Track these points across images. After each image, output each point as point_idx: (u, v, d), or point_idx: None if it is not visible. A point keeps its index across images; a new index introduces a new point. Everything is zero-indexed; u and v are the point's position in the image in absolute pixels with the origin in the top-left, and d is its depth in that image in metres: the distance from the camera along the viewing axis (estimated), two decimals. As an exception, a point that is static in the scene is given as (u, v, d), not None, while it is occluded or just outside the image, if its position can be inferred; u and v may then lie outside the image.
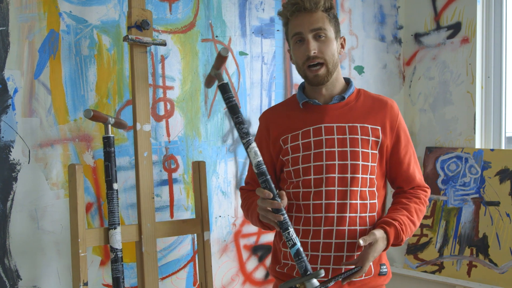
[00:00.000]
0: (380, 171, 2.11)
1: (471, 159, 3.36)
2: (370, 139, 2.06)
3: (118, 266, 2.14)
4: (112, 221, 2.15)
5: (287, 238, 1.87)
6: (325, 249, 2.02)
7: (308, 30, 2.02)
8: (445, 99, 3.58)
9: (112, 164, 2.15)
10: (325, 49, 2.02)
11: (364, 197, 2.04)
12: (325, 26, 2.02)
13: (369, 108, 2.12)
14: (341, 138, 2.05)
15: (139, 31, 2.27)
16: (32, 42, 2.27)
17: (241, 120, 1.94)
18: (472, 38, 3.42)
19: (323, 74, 2.04)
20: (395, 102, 2.18)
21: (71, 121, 2.37)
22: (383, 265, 2.11)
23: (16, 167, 2.22)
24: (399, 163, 2.13)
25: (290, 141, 2.12)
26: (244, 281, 2.99)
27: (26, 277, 2.25)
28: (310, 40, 2.02)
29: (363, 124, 2.07)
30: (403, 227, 1.99)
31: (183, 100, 2.73)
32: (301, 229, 2.06)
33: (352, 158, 2.03)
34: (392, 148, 2.11)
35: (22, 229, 2.23)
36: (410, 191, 2.15)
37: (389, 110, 2.12)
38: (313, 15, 2.02)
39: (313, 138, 2.07)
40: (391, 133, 2.10)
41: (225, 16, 2.88)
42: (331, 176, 2.03)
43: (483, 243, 3.23)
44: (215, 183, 2.85)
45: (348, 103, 2.12)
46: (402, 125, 2.15)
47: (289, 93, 3.16)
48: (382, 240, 1.95)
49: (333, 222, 2.01)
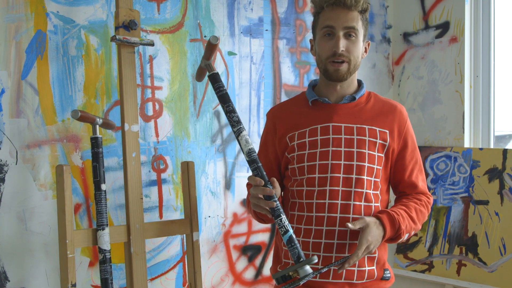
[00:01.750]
0: (385, 175, 2.09)
1: (460, 158, 3.37)
2: (377, 142, 2.05)
3: (107, 267, 2.14)
4: (100, 222, 2.14)
5: (279, 225, 1.86)
6: (326, 250, 2.00)
7: (342, 27, 1.99)
8: (434, 98, 3.59)
9: (100, 164, 2.14)
10: (352, 49, 2.01)
11: (369, 199, 2.02)
12: (358, 26, 2.00)
13: (378, 111, 2.10)
14: (348, 138, 2.03)
15: (127, 31, 2.26)
16: (19, 42, 2.25)
17: (232, 109, 1.97)
18: (461, 38, 3.43)
19: (344, 71, 2.03)
20: (404, 108, 2.17)
21: (59, 121, 2.36)
22: (387, 270, 2.09)
23: (4, 168, 2.21)
24: (403, 169, 2.11)
25: (297, 138, 2.10)
26: (233, 281, 2.98)
27: (14, 279, 2.23)
28: (341, 37, 2.00)
29: (372, 127, 2.06)
30: (399, 217, 1.95)
31: (171, 100, 2.72)
32: (303, 228, 2.05)
33: (358, 159, 2.02)
34: (398, 153, 2.10)
35: (9, 230, 2.22)
36: (412, 194, 2.12)
37: (398, 115, 2.11)
38: (349, 13, 2.00)
39: (320, 137, 2.06)
40: (399, 138, 2.09)
41: (214, 16, 2.88)
42: (336, 176, 2.01)
43: (472, 242, 3.24)
44: (204, 183, 2.85)
45: (358, 104, 2.10)
46: (410, 131, 2.13)
47: (278, 93, 3.16)
48: (375, 225, 1.91)
49: (335, 222, 1.99)
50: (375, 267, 2.04)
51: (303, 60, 3.28)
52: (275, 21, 3.15)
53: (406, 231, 1.99)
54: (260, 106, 3.08)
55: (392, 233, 1.96)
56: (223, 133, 2.92)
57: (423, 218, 2.08)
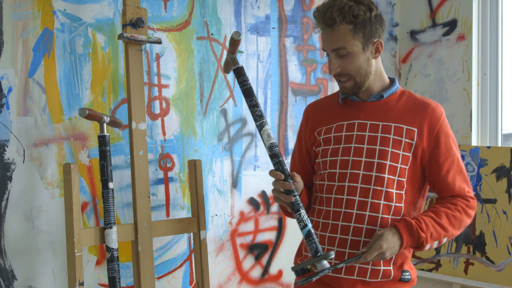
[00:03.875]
0: (413, 175, 2.03)
1: (467, 157, 3.36)
2: (403, 140, 2.00)
3: (114, 266, 2.13)
4: (108, 221, 2.13)
5: (298, 219, 1.86)
6: (340, 245, 1.99)
7: (330, 49, 1.96)
8: (441, 97, 3.57)
9: (107, 163, 2.14)
10: (347, 66, 1.96)
11: (390, 198, 1.98)
12: (345, 43, 1.92)
13: (409, 109, 2.05)
14: (372, 136, 2.01)
15: (134, 29, 2.26)
16: (26, 40, 2.25)
17: (255, 103, 1.98)
18: (468, 35, 3.42)
19: (350, 87, 2.01)
20: (441, 106, 2.09)
21: (66, 120, 2.35)
22: (406, 271, 2.03)
23: (11, 166, 2.21)
24: (437, 169, 2.03)
25: (324, 133, 2.11)
26: (240, 280, 2.98)
27: (22, 277, 2.23)
28: (332, 59, 1.97)
29: (398, 124, 2.01)
30: (420, 224, 1.91)
31: (178, 98, 2.71)
32: (321, 222, 2.05)
33: (380, 157, 1.99)
34: (430, 152, 2.02)
35: (17, 228, 2.22)
36: (448, 198, 2.05)
37: (430, 113, 2.03)
38: (334, 33, 1.93)
39: (344, 133, 2.05)
40: (429, 137, 2.02)
41: (220, 14, 2.87)
42: (356, 173, 2.00)
43: (480, 241, 3.23)
44: (211, 181, 2.84)
45: (388, 102, 2.06)
46: (444, 130, 2.04)
47: (285, 91, 3.15)
48: (390, 233, 1.88)
49: (351, 218, 1.98)
50: (391, 267, 2.00)
51: (310, 58, 3.27)
52: (282, 19, 3.14)
53: (432, 239, 1.93)
54: (267, 104, 3.07)
55: (412, 242, 1.91)
56: (230, 131, 2.91)
57: (459, 224, 2.00)
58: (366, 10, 1.95)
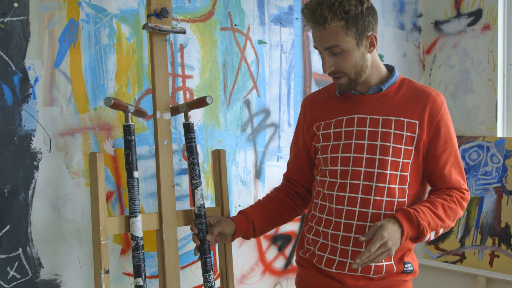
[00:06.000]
0: (417, 168, 2.01)
1: (492, 148, 3.32)
2: (404, 134, 1.97)
3: (139, 254, 2.15)
4: (133, 209, 2.15)
5: (204, 278, 2.28)
6: (343, 243, 1.99)
7: (322, 48, 1.93)
8: (466, 87, 3.54)
9: (132, 152, 2.15)
10: (342, 64, 1.93)
11: (392, 194, 1.97)
12: (338, 41, 1.88)
13: (409, 100, 2.01)
14: (372, 131, 1.98)
15: (159, 19, 2.26)
16: (52, 31, 2.27)
17: (197, 162, 2.27)
18: (494, 25, 3.38)
19: (345, 83, 1.98)
20: (442, 95, 2.05)
21: (91, 110, 2.37)
22: (408, 263, 2.03)
23: (37, 156, 2.23)
24: (435, 160, 2.01)
25: (323, 128, 2.08)
26: (264, 270, 2.98)
27: (48, 266, 2.26)
28: (325, 57, 1.94)
29: (399, 118, 1.98)
30: (418, 213, 1.89)
31: (202, 89, 2.72)
32: (324, 218, 2.04)
33: (381, 153, 1.96)
34: (429, 142, 2.00)
35: (43, 217, 2.25)
36: (444, 189, 2.04)
37: (431, 102, 1.99)
38: (325, 31, 1.88)
39: (344, 128, 2.03)
40: (429, 127, 1.99)
41: (244, 5, 2.87)
42: (358, 170, 1.98)
43: (505, 233, 3.20)
44: (234, 172, 2.85)
45: (387, 94, 2.02)
46: (445, 120, 2.01)
47: (308, 82, 3.14)
48: (389, 222, 1.85)
49: (354, 216, 1.97)
50: (392, 261, 2.00)
51: (333, 49, 3.25)
52: (305, 10, 3.13)
53: (431, 228, 1.92)
54: (290, 95, 3.07)
55: (412, 231, 1.89)
56: (253, 122, 2.91)
57: (454, 215, 2.00)
58: (357, 4, 1.88)
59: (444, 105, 2.03)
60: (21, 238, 2.19)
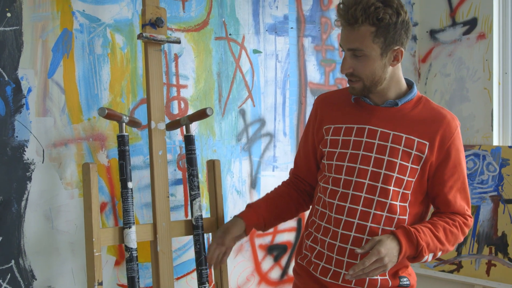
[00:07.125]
0: (420, 187, 1.97)
1: (488, 157, 3.32)
2: (412, 153, 1.92)
3: (133, 266, 2.13)
4: (127, 220, 2.13)
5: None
6: (339, 253, 1.96)
7: (346, 48, 1.88)
8: (462, 96, 3.54)
9: (126, 162, 2.14)
10: (360, 68, 1.88)
11: (393, 210, 1.93)
12: (363, 46, 1.83)
13: (423, 119, 1.96)
14: (381, 145, 1.94)
15: (153, 28, 2.25)
16: (45, 41, 2.26)
17: (196, 173, 2.32)
18: (489, 34, 3.38)
19: (359, 88, 1.93)
20: (457, 119, 2.01)
21: (85, 120, 2.36)
22: (403, 277, 2.00)
23: (30, 166, 2.21)
24: (441, 183, 1.97)
25: (332, 133, 2.04)
26: (259, 281, 2.96)
27: (41, 277, 2.23)
28: (346, 57, 1.89)
29: (410, 136, 1.93)
30: (418, 233, 1.86)
31: (197, 98, 2.71)
32: (323, 226, 2.02)
33: (387, 168, 1.92)
34: (437, 165, 1.95)
35: (36, 229, 2.23)
36: (447, 213, 2.00)
37: (445, 126, 1.95)
38: (353, 32, 1.83)
39: (353, 137, 1.99)
40: (440, 150, 1.94)
41: (239, 14, 2.86)
42: (361, 181, 1.94)
43: (502, 242, 3.18)
44: (229, 182, 2.83)
45: (402, 110, 1.97)
46: (456, 145, 1.96)
47: (304, 91, 3.13)
48: (388, 238, 1.83)
49: (352, 227, 1.94)
50: (387, 276, 1.96)
51: (329, 58, 3.25)
52: (300, 19, 3.13)
53: (429, 250, 1.89)
54: (286, 104, 3.06)
55: (411, 250, 1.86)
56: (248, 131, 2.90)
57: (454, 240, 1.96)
58: (393, 14, 1.83)
59: (458, 129, 1.99)
60: (14, 250, 2.17)
